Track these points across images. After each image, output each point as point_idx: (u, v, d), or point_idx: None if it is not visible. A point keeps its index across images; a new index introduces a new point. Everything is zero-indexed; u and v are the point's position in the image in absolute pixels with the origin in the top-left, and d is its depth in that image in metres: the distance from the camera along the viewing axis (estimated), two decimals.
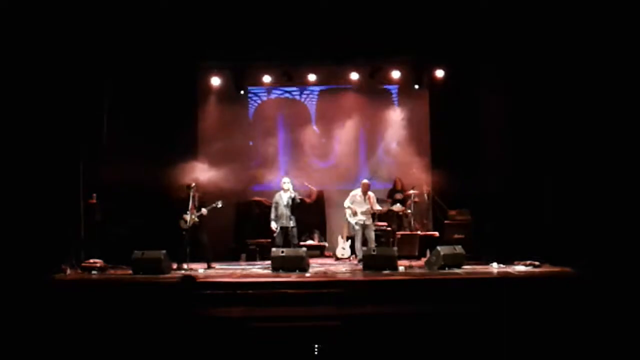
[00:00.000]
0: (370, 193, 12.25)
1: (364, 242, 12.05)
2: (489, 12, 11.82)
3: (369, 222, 12.13)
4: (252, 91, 14.90)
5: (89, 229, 11.91)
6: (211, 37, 12.66)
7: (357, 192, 12.28)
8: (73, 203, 11.64)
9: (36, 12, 10.41)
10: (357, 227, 12.13)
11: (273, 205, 11.94)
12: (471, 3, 11.84)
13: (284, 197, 11.75)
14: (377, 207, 12.30)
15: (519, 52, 12.02)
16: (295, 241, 11.86)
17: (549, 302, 8.60)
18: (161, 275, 10.39)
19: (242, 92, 14.51)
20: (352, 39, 12.71)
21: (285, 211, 11.71)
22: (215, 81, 14.23)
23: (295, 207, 11.79)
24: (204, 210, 11.45)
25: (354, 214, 12.13)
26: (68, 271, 10.83)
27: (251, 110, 14.99)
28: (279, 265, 10.73)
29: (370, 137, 14.81)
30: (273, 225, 11.80)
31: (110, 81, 12.57)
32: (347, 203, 12.28)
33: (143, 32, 12.19)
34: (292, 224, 11.69)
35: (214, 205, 11.51)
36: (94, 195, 12.01)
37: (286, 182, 11.86)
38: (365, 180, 12.42)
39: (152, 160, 12.53)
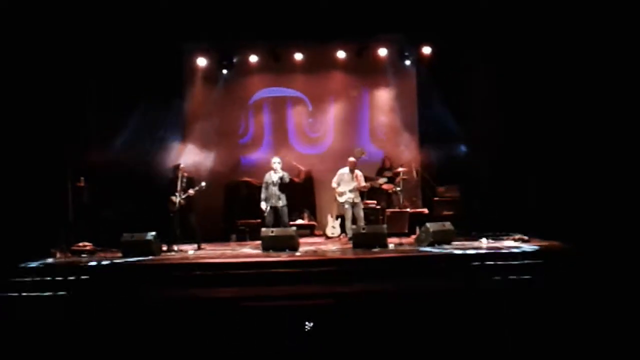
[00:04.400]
0: (357, 171, 12.25)
1: (354, 221, 12.06)
2: None
3: (357, 200, 12.14)
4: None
5: (77, 212, 11.88)
6: (196, 17, 12.55)
7: (345, 170, 12.28)
8: (61, 187, 11.59)
9: None
10: (346, 206, 12.14)
11: (263, 185, 11.90)
12: None
13: (273, 177, 11.71)
14: (364, 183, 12.31)
15: (506, 27, 12.00)
16: (286, 220, 11.83)
17: (538, 274, 8.67)
18: (151, 257, 10.39)
19: (224, 71, 14.41)
20: (338, 17, 12.63)
21: (275, 191, 11.67)
22: (202, 62, 14.13)
23: (285, 186, 11.75)
24: (190, 192, 11.41)
25: (340, 194, 12.15)
26: (58, 255, 10.81)
27: (245, 91, 14.89)
28: (269, 245, 10.74)
29: (359, 115, 14.80)
30: (263, 205, 11.75)
31: (96, 64, 12.46)
32: (334, 183, 12.28)
33: (128, 13, 12.06)
34: (281, 203, 11.66)
35: (197, 187, 11.47)
36: (82, 178, 11.95)
37: (276, 162, 11.81)
38: (351, 158, 12.40)
39: (139, 142, 12.48)
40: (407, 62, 14.27)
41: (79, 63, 11.99)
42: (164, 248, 11.20)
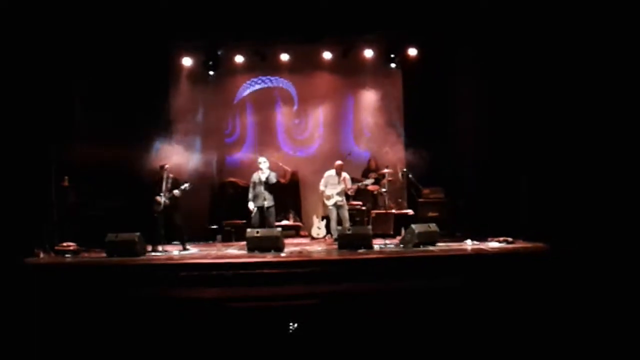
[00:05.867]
0: (344, 174, 12.26)
1: (339, 222, 12.08)
2: None
3: (342, 202, 12.17)
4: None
5: (62, 212, 11.80)
6: (183, 16, 12.50)
7: (331, 172, 12.29)
8: (45, 186, 11.51)
9: None
10: (331, 208, 12.16)
11: (250, 185, 11.89)
12: None
13: (261, 177, 11.70)
14: (350, 185, 12.31)
15: (493, 30, 12.05)
16: (273, 220, 11.82)
17: (522, 276, 8.71)
18: (135, 258, 10.34)
19: (211, 73, 14.37)
20: (323, 17, 12.63)
21: (261, 191, 11.66)
22: (187, 61, 14.09)
23: (272, 187, 11.74)
24: (176, 192, 11.38)
25: (328, 198, 12.16)
26: (41, 255, 10.74)
27: (231, 91, 14.89)
28: (255, 245, 10.72)
29: (345, 117, 14.83)
30: (250, 205, 11.74)
31: (81, 62, 12.39)
32: (322, 186, 12.30)
33: (114, 11, 11.99)
34: (267, 203, 11.64)
35: (182, 187, 11.45)
36: (67, 177, 11.88)
37: (262, 162, 11.80)
38: (338, 162, 12.42)
39: (125, 141, 12.42)
40: (393, 64, 14.30)
41: (64, 61, 11.90)
42: (149, 248, 11.15)
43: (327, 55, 14.17)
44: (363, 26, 13.06)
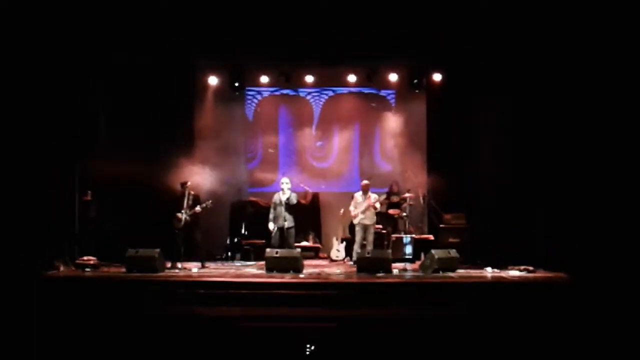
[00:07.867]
0: (370, 193, 12.25)
1: (362, 245, 12.04)
2: (487, 17, 11.84)
3: (369, 221, 12.13)
4: (251, 90, 14.88)
5: (83, 226, 11.88)
6: (209, 35, 12.62)
7: (359, 193, 12.33)
8: (68, 200, 11.60)
9: (33, 6, 10.36)
10: (358, 228, 12.13)
11: (271, 205, 11.90)
12: (470, 7, 11.81)
13: (282, 197, 11.71)
14: (374, 198, 12.26)
15: (518, 58, 12.00)
16: (292, 241, 11.79)
17: (542, 307, 8.61)
18: (155, 274, 10.37)
19: (237, 93, 14.47)
20: (349, 41, 12.69)
21: (282, 212, 11.65)
22: (213, 80, 14.18)
23: (292, 208, 11.73)
24: (197, 209, 11.45)
25: (355, 217, 12.18)
26: (61, 268, 10.79)
27: (250, 110, 14.96)
28: (273, 265, 10.68)
29: (368, 140, 14.84)
30: (270, 225, 11.75)
31: (106, 78, 12.54)
32: (351, 207, 12.32)
33: (141, 28, 12.12)
34: (287, 224, 11.63)
35: (204, 204, 11.51)
36: (89, 192, 11.98)
37: (284, 183, 11.81)
38: (365, 181, 12.45)
39: (148, 157, 12.52)
40: (418, 89, 14.29)
41: (90, 78, 12.07)
42: (168, 265, 11.18)
43: (351, 78, 14.19)
44: (388, 51, 13.08)
